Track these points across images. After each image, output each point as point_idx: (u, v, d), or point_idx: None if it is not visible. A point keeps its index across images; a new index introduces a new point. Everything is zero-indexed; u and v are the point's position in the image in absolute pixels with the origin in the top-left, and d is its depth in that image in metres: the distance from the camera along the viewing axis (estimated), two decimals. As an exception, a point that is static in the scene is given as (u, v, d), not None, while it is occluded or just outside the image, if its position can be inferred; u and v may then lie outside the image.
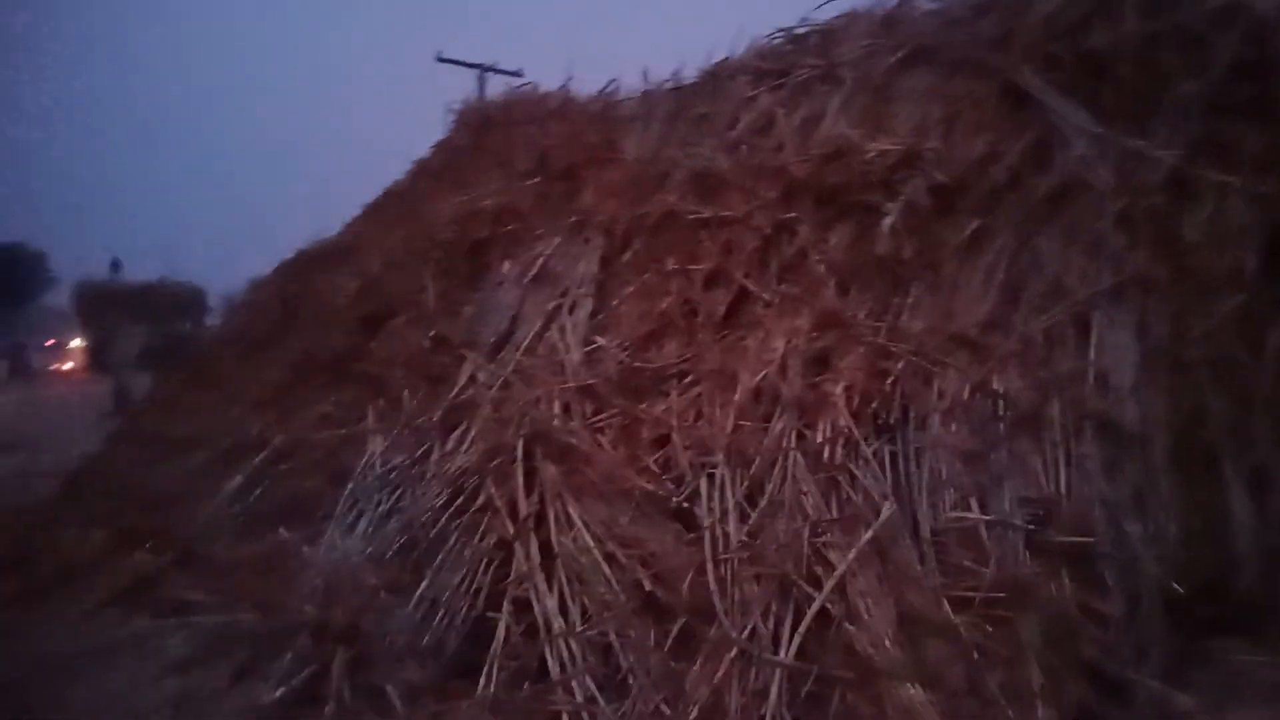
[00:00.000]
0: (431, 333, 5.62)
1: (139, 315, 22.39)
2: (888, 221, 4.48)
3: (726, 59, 6.58)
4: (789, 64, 6.07)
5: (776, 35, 6.41)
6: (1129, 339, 4.44)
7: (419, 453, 4.76)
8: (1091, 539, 3.55)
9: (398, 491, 4.58)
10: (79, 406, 14.68)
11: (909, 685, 3.05)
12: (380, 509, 4.52)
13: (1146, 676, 3.44)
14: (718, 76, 6.49)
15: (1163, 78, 5.07)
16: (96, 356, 23.95)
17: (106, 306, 23.69)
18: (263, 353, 6.65)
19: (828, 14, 6.39)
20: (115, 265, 24.24)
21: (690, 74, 6.75)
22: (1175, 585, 3.66)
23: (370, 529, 4.43)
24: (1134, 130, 5.03)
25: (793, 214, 4.73)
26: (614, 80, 7.48)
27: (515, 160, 6.92)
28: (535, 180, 6.41)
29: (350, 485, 4.68)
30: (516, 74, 22.65)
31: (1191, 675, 3.74)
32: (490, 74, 22.63)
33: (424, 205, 7.21)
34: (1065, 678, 3.23)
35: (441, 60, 22.45)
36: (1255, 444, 4.54)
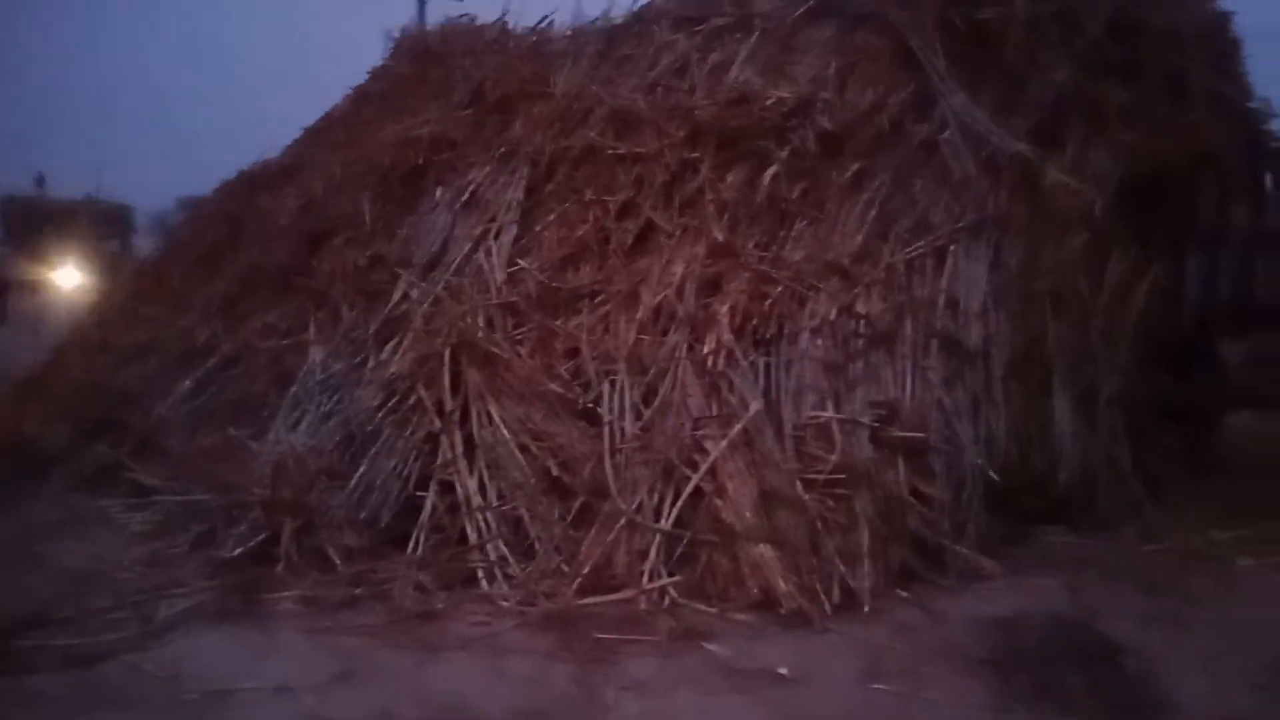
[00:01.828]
0: (369, 252, 6.11)
1: (65, 231, 22.18)
2: (772, 169, 5.06)
3: (651, 3, 7.03)
4: (708, 11, 6.56)
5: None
6: (982, 270, 5.13)
7: (356, 361, 5.30)
8: (924, 435, 4.26)
9: (337, 394, 5.13)
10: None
11: (761, 546, 3.74)
12: (321, 409, 5.07)
13: (962, 546, 4.20)
14: (643, 19, 6.94)
15: (1040, 48, 5.69)
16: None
17: (32, 222, 23.38)
18: (208, 266, 7.04)
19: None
20: (39, 180, 23.86)
21: (618, 14, 7.18)
22: (994, 476, 4.41)
23: (312, 426, 5.00)
24: (1009, 89, 5.66)
25: (696, 154, 5.28)
26: (548, 16, 7.88)
27: (452, 91, 7.31)
28: (469, 111, 6.84)
29: (293, 388, 5.21)
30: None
31: (1011, 550, 4.53)
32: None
33: (363, 131, 7.59)
34: (892, 544, 3.97)
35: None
36: (1087, 364, 5.30)
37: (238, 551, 3.89)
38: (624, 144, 5.66)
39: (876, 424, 4.31)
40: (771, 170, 5.13)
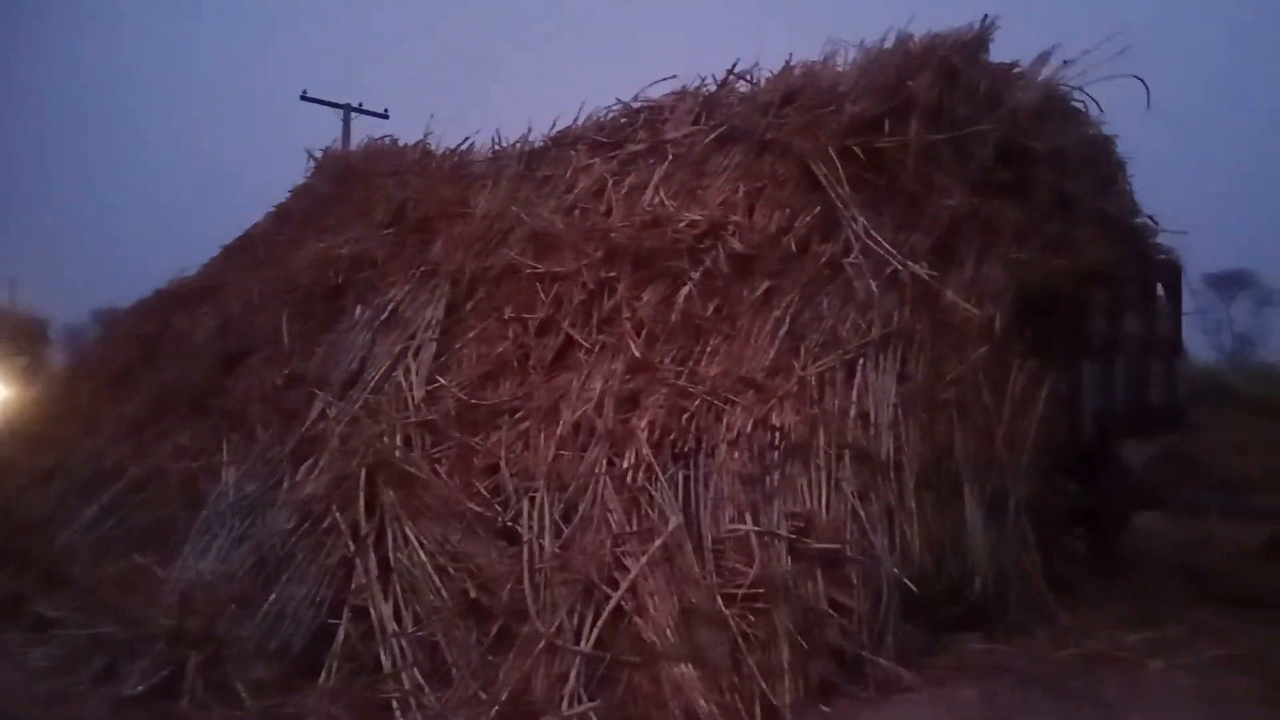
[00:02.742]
0: (286, 371, 6.08)
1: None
2: (686, 288, 5.23)
3: (569, 128, 7.31)
4: (622, 136, 6.85)
5: (613, 109, 7.17)
6: (890, 382, 5.30)
7: (270, 483, 5.21)
8: (839, 546, 4.33)
9: (249, 518, 5.02)
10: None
11: (681, 665, 3.72)
12: (232, 534, 4.95)
13: (881, 657, 4.23)
14: (560, 143, 7.20)
15: (934, 173, 6.03)
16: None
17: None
18: (119, 386, 6.91)
19: (660, 90, 7.22)
20: None
21: (537, 138, 7.44)
22: (911, 585, 4.48)
23: (223, 551, 4.86)
24: (908, 211, 5.97)
25: (613, 273, 5.44)
26: (469, 138, 8.12)
27: (373, 210, 7.44)
28: (391, 230, 6.95)
29: (204, 512, 5.08)
30: (382, 115, 23.01)
31: (929, 660, 4.57)
32: (355, 114, 22.87)
33: (284, 249, 7.64)
34: (812, 657, 3.98)
35: (305, 99, 22.46)
36: (994, 472, 5.46)
37: (140, 688, 3.72)
38: (543, 263, 5.80)
39: (794, 536, 4.37)
40: (686, 289, 5.30)
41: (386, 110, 22.73)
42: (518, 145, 7.47)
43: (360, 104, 22.88)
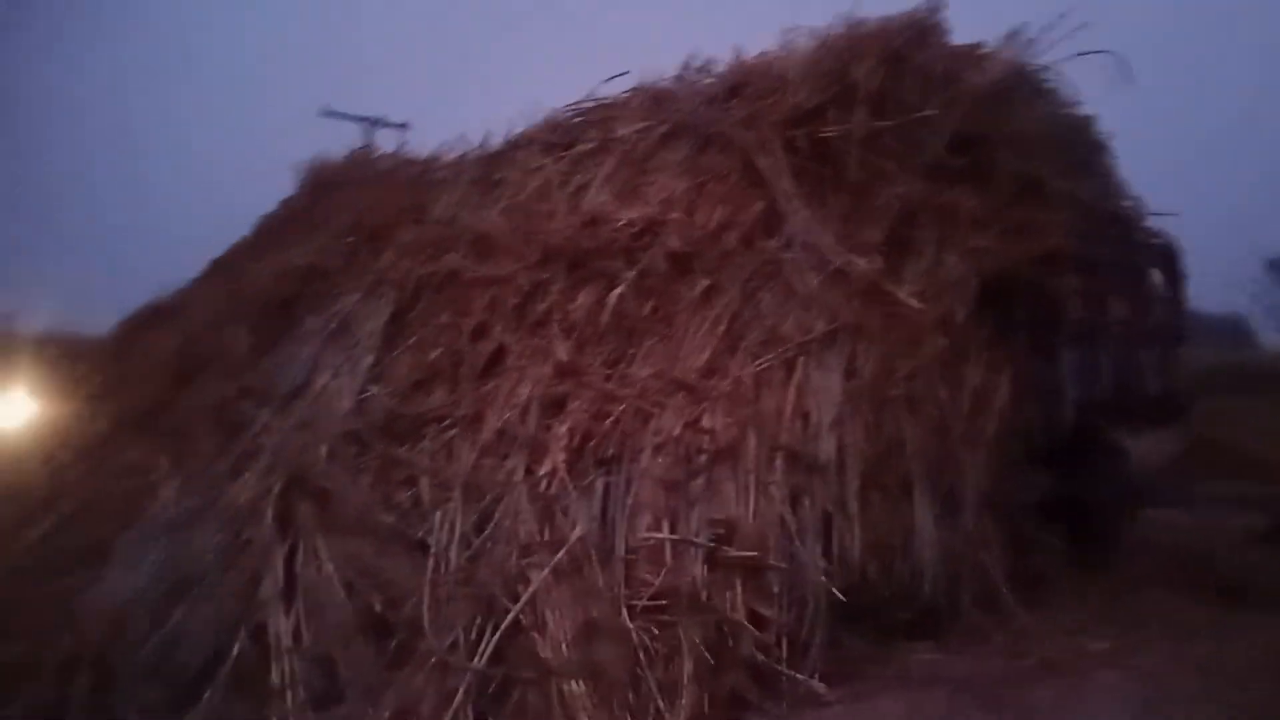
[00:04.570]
0: (237, 384, 6.02)
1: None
2: (618, 289, 5.08)
3: (526, 129, 7.18)
4: (574, 136, 6.71)
5: (567, 109, 7.03)
6: (835, 380, 5.10)
7: (208, 499, 5.14)
8: (756, 554, 4.14)
9: (180, 534, 4.95)
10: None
11: (574, 681, 3.57)
12: (163, 551, 4.88)
13: (805, 670, 4.03)
14: (517, 145, 7.08)
15: (882, 162, 5.82)
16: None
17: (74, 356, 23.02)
18: (84, 405, 6.93)
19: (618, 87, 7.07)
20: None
21: (496, 140, 7.34)
22: (840, 593, 4.28)
23: (153, 569, 4.80)
24: (857, 202, 5.76)
25: (545, 275, 5.30)
26: (445, 143, 8.01)
27: (334, 221, 7.38)
28: (348, 240, 6.88)
29: (134, 530, 5.03)
30: (403, 126, 23.12)
31: (867, 669, 4.36)
32: (378, 127, 22.99)
33: (252, 263, 7.62)
34: (722, 671, 3.80)
35: (327, 114, 22.63)
36: (949, 469, 5.23)
37: (21, 714, 3.66)
38: (483, 268, 5.68)
39: (713, 543, 4.19)
40: (618, 290, 5.14)
41: (408, 123, 22.80)
42: (477, 149, 7.36)
43: (384, 117, 23.00)
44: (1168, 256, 7.43)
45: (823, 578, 4.28)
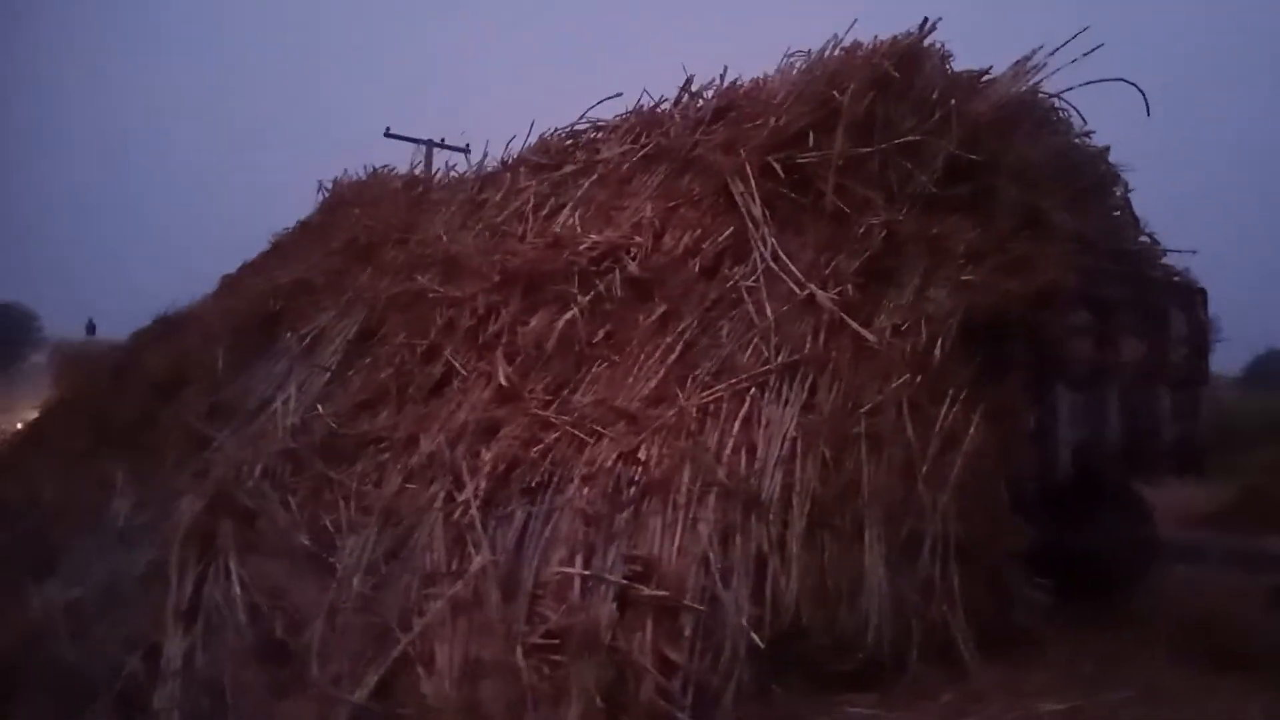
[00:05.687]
0: (211, 400, 6.07)
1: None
2: (569, 314, 4.94)
3: (520, 150, 7.14)
4: (563, 158, 6.63)
5: (560, 130, 6.97)
6: (789, 414, 4.85)
7: (157, 514, 5.15)
8: (668, 594, 3.92)
9: (125, 549, 4.97)
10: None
11: (450, 720, 3.41)
12: (104, 564, 4.91)
13: (716, 718, 3.79)
14: (509, 166, 7.04)
15: (863, 189, 5.56)
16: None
17: (80, 367, 23.97)
18: (75, 418, 7.09)
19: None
20: (90, 328, 24.69)
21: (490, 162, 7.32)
22: (757, 639, 4.02)
23: (91, 581, 4.82)
24: (834, 231, 5.52)
25: (499, 297, 5.20)
26: (451, 164, 8.06)
27: (335, 238, 7.43)
28: (336, 257, 6.91)
29: (85, 541, 5.06)
30: (465, 150, 23.45)
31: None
32: (437, 149, 23.36)
33: (251, 279, 7.72)
34: (616, 716, 3.59)
35: (389, 136, 23.10)
36: (909, 512, 4.92)
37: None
38: (445, 288, 5.61)
39: (626, 581, 3.99)
40: (568, 314, 5.01)
41: (468, 145, 23.13)
42: (472, 169, 7.36)
43: (443, 139, 23.37)
44: (1189, 295, 6.98)
45: (743, 622, 4.03)
